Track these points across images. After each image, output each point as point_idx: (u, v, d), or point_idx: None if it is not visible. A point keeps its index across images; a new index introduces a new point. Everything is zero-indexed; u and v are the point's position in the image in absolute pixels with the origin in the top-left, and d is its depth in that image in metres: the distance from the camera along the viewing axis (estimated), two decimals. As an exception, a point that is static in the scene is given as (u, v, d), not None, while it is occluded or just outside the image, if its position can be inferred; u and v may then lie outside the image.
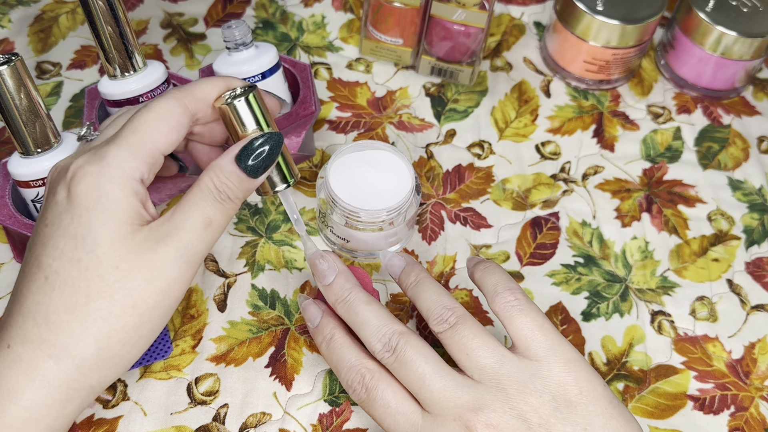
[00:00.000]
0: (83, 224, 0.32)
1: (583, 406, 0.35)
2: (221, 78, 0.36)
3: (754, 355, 0.47)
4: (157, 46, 0.59)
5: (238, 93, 0.35)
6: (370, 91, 0.58)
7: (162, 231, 0.33)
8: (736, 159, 0.57)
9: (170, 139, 0.34)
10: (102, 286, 0.32)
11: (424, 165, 0.54)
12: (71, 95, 0.55)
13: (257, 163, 0.35)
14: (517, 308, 0.37)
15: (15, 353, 0.32)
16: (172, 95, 0.35)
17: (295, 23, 0.62)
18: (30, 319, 0.32)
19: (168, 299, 0.33)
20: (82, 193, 0.32)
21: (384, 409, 0.37)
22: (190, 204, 0.34)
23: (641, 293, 0.49)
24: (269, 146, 0.35)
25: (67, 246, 0.32)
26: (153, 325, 0.33)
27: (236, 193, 0.35)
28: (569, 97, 0.60)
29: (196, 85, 0.36)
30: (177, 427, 0.41)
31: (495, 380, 0.36)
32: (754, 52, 0.57)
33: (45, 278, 0.32)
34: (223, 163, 0.34)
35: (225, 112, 0.35)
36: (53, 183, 0.34)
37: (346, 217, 0.44)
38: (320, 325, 0.40)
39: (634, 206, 0.53)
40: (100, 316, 0.32)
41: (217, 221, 0.34)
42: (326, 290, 0.40)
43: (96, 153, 0.33)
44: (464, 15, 0.54)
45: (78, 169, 0.33)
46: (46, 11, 0.60)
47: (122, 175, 0.33)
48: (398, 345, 0.37)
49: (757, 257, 0.52)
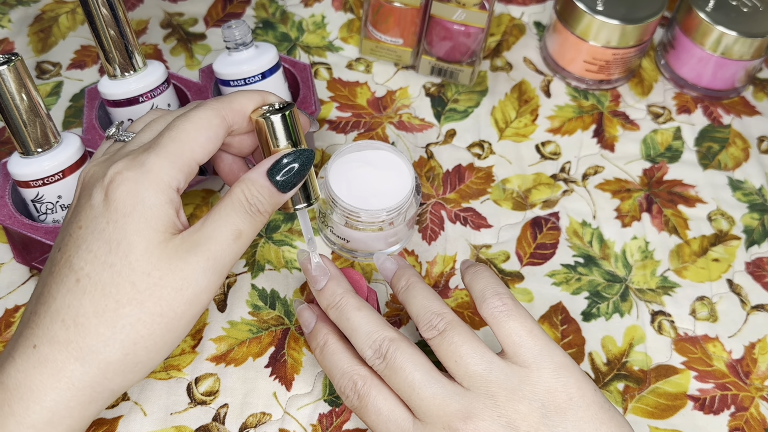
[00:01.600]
0: (119, 229, 0.32)
1: (572, 412, 0.35)
2: (258, 92, 0.37)
3: (754, 355, 0.47)
4: (157, 46, 0.59)
5: (276, 108, 0.36)
6: (370, 91, 0.58)
7: (193, 241, 0.33)
8: (736, 159, 0.57)
9: (207, 149, 0.34)
10: (133, 293, 0.32)
11: (424, 165, 0.54)
12: (71, 95, 0.55)
13: (288, 179, 0.35)
14: (505, 313, 0.37)
15: (41, 353, 0.32)
16: (211, 106, 0.35)
17: (295, 23, 0.62)
18: (59, 320, 0.32)
19: (195, 308, 0.34)
20: (120, 198, 0.32)
21: (376, 416, 0.37)
22: (221, 215, 0.34)
23: (641, 293, 0.49)
24: (300, 162, 0.35)
25: (101, 250, 0.32)
26: (178, 333, 0.34)
27: (266, 206, 0.35)
28: (569, 97, 0.60)
29: (234, 97, 0.36)
30: (177, 427, 0.41)
31: (484, 387, 0.35)
32: (754, 52, 0.57)
33: (77, 281, 0.32)
34: (254, 176, 0.35)
35: (261, 125, 0.36)
36: (87, 185, 0.34)
37: (346, 217, 0.44)
38: (314, 331, 0.40)
39: (634, 206, 0.53)
40: (129, 323, 0.32)
41: (247, 233, 0.34)
42: (318, 295, 0.40)
43: (135, 159, 0.33)
44: (464, 15, 0.54)
45: (117, 174, 0.33)
46: (46, 11, 0.60)
47: (160, 183, 0.33)
48: (388, 351, 0.37)
49: (757, 257, 0.52)
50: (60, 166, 0.42)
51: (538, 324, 0.37)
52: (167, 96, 0.46)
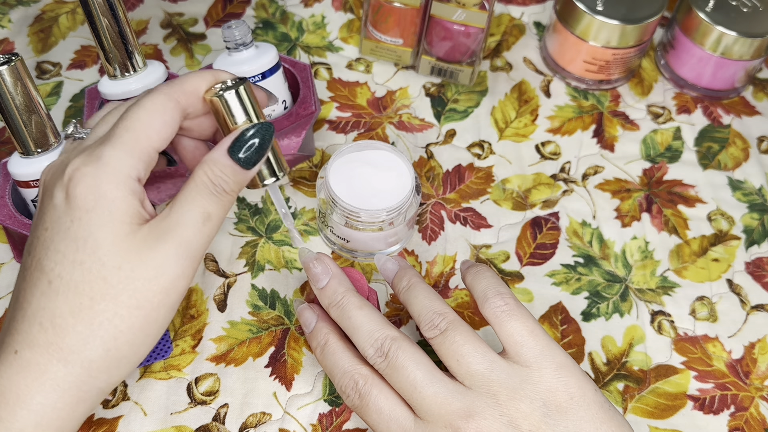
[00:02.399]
0: (84, 226, 0.32)
1: (573, 411, 0.35)
2: (209, 71, 0.36)
3: (754, 355, 0.47)
4: (157, 46, 0.59)
5: (229, 85, 0.35)
6: (370, 91, 0.58)
7: (161, 228, 0.33)
8: (736, 159, 0.57)
9: (163, 135, 0.34)
10: (106, 288, 0.32)
11: (424, 165, 0.54)
12: (71, 95, 0.55)
13: (250, 155, 0.34)
14: (507, 313, 0.37)
15: (23, 358, 0.32)
16: (162, 90, 0.34)
17: (295, 23, 0.62)
18: (36, 324, 0.32)
19: (171, 296, 0.33)
20: (81, 195, 0.32)
21: (377, 415, 0.37)
22: (186, 199, 0.34)
23: (641, 293, 0.49)
24: (260, 137, 0.35)
25: (69, 249, 0.32)
26: (158, 323, 0.33)
27: (231, 185, 0.34)
28: (569, 97, 0.60)
29: (185, 79, 0.35)
30: (177, 427, 0.41)
31: (486, 386, 0.36)
32: (754, 52, 0.57)
33: (48, 282, 0.32)
34: (216, 155, 0.34)
35: (215, 104, 0.35)
36: (48, 185, 0.34)
37: (346, 217, 0.44)
38: (314, 330, 0.40)
39: (634, 206, 0.53)
40: (106, 318, 0.32)
41: (216, 215, 0.34)
42: (320, 293, 0.40)
43: (92, 153, 0.33)
44: (464, 15, 0.54)
45: (75, 171, 0.32)
46: (46, 11, 0.60)
47: (119, 174, 0.32)
48: (390, 350, 0.37)
49: (757, 257, 0.52)
50: (60, 166, 0.42)
51: (539, 324, 0.38)
52: (167, 96, 0.46)
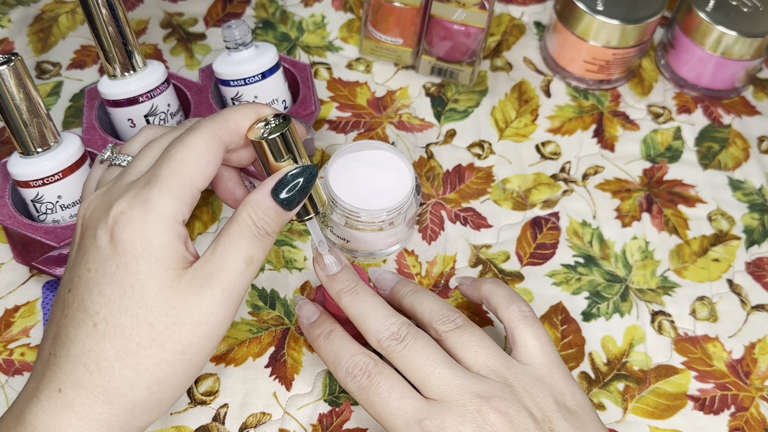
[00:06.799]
0: (130, 272, 0.32)
1: (579, 414, 0.37)
2: (251, 106, 0.36)
3: (755, 355, 0.47)
4: (157, 46, 0.59)
5: (273, 125, 0.35)
6: (370, 91, 0.58)
7: (205, 273, 0.33)
8: (737, 159, 0.57)
9: (207, 175, 0.34)
10: (152, 335, 0.32)
11: (424, 165, 0.54)
12: (71, 95, 0.55)
13: (292, 196, 0.34)
14: (530, 319, 0.40)
15: (68, 397, 0.32)
16: (206, 129, 0.34)
17: (295, 23, 0.62)
18: (80, 365, 0.32)
19: (214, 341, 0.34)
20: (128, 240, 0.32)
21: (388, 393, 0.36)
22: (230, 242, 0.33)
23: (641, 293, 0.49)
24: (303, 178, 0.35)
25: (115, 293, 0.32)
26: (200, 366, 0.34)
27: (274, 227, 0.34)
28: (569, 97, 0.60)
29: (227, 116, 0.35)
30: (177, 427, 0.41)
31: (502, 377, 0.37)
32: (754, 52, 0.57)
33: (94, 325, 0.32)
34: (259, 197, 0.34)
35: (261, 145, 0.35)
36: (90, 224, 0.33)
37: (346, 217, 0.44)
38: (319, 320, 0.41)
39: (635, 206, 0.53)
40: (152, 363, 0.32)
41: (257, 258, 0.34)
42: (331, 280, 0.40)
43: (137, 195, 0.32)
44: (464, 15, 0.54)
45: (120, 215, 0.32)
46: (46, 11, 0.60)
47: (166, 219, 0.32)
48: (408, 335, 0.37)
49: (757, 257, 0.52)
50: (60, 166, 0.42)
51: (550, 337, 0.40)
52: (167, 96, 0.46)
